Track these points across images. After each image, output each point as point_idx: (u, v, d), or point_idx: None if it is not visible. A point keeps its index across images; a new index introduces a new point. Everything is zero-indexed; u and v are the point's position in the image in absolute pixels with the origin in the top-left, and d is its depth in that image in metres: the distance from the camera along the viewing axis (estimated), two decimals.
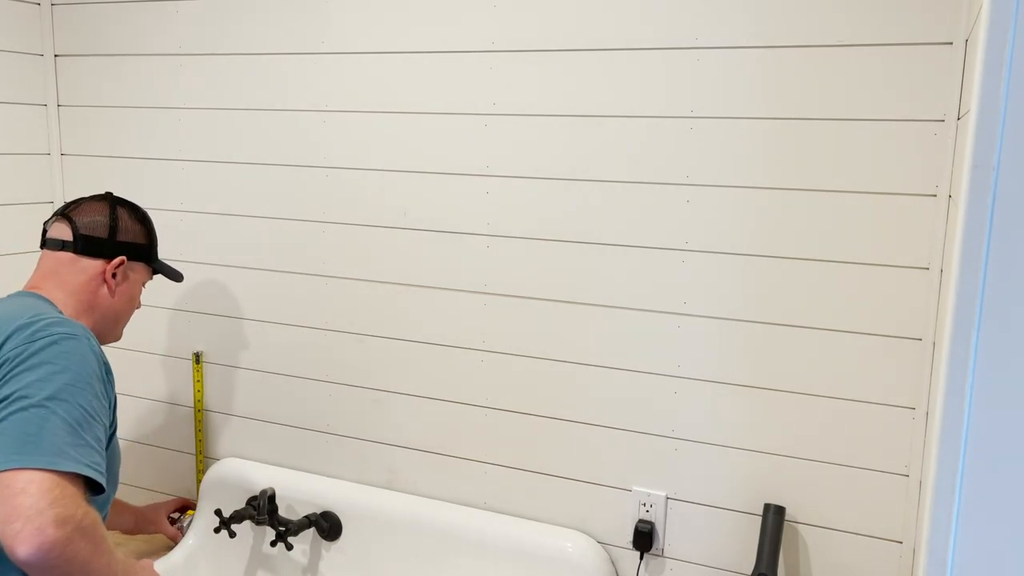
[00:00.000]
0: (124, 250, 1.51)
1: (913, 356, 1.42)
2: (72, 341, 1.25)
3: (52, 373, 1.18)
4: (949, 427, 0.74)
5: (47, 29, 2.08)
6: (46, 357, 1.20)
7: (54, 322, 1.27)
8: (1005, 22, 0.69)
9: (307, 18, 1.80)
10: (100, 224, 1.49)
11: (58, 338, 1.23)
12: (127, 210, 1.55)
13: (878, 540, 1.48)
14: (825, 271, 1.45)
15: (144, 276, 1.58)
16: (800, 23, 1.42)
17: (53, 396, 1.16)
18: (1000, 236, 0.71)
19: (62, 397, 1.17)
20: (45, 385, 1.16)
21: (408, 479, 1.85)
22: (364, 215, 1.80)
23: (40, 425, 1.13)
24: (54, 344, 1.22)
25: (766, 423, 1.53)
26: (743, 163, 1.48)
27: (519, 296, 1.69)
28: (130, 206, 1.56)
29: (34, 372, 1.17)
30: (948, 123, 1.35)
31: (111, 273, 1.48)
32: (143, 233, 1.56)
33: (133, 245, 1.53)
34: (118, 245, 1.50)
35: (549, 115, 1.61)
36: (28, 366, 1.18)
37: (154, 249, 1.59)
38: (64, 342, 1.23)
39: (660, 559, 1.64)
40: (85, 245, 1.47)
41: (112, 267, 1.48)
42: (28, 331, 1.23)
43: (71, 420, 1.16)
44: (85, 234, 1.48)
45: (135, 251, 1.53)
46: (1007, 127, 0.70)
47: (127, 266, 1.51)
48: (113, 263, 1.48)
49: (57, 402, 1.16)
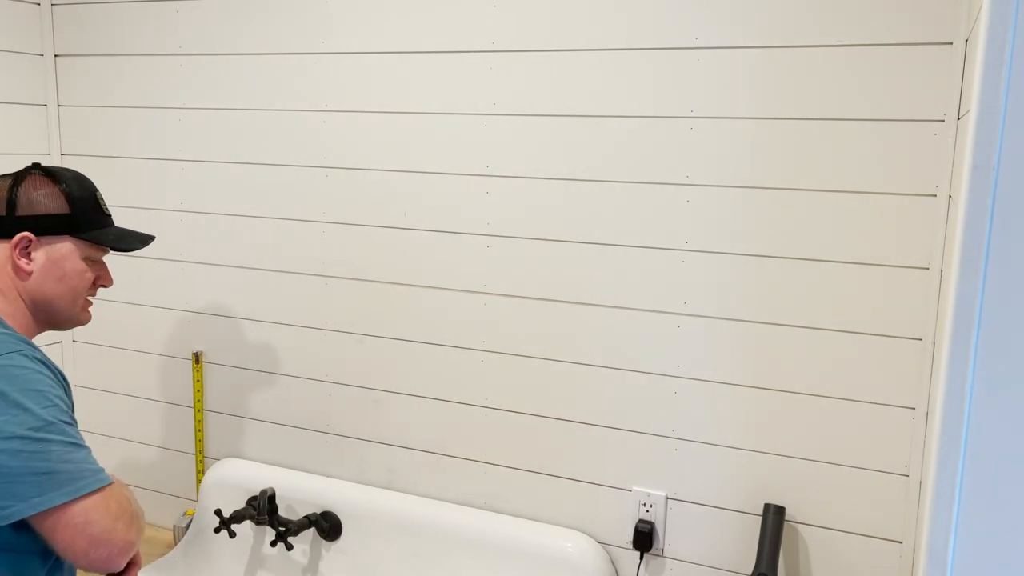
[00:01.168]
0: (27, 224, 1.28)
1: (913, 356, 1.42)
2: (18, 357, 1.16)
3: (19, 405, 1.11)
4: (949, 427, 0.74)
5: (47, 29, 2.08)
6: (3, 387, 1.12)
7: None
8: (1005, 22, 0.69)
9: (307, 18, 1.80)
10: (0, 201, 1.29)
11: (3, 360, 1.14)
12: (40, 178, 1.32)
13: (878, 540, 1.48)
14: (825, 271, 1.45)
15: (80, 250, 1.33)
16: (800, 23, 1.42)
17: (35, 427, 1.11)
18: (1000, 236, 0.71)
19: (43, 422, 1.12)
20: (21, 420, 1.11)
21: (408, 479, 1.85)
22: (364, 215, 1.80)
23: (47, 459, 1.11)
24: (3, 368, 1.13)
25: (766, 423, 1.53)
26: (743, 163, 1.48)
27: (519, 296, 1.69)
28: (51, 173, 1.34)
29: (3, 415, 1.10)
30: (948, 123, 1.35)
31: (17, 254, 1.27)
32: (60, 201, 1.31)
33: (42, 218, 1.29)
34: (17, 221, 1.28)
35: (549, 115, 1.61)
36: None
37: (84, 218, 1.33)
38: (12, 362, 1.15)
39: (660, 559, 1.64)
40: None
41: (13, 246, 1.27)
42: None
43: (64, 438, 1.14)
44: None
45: (46, 224, 1.30)
46: (1007, 127, 0.70)
47: (43, 243, 1.29)
48: (13, 241, 1.27)
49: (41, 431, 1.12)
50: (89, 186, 1.37)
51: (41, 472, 1.10)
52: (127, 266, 2.03)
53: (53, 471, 1.11)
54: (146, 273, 2.06)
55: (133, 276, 2.06)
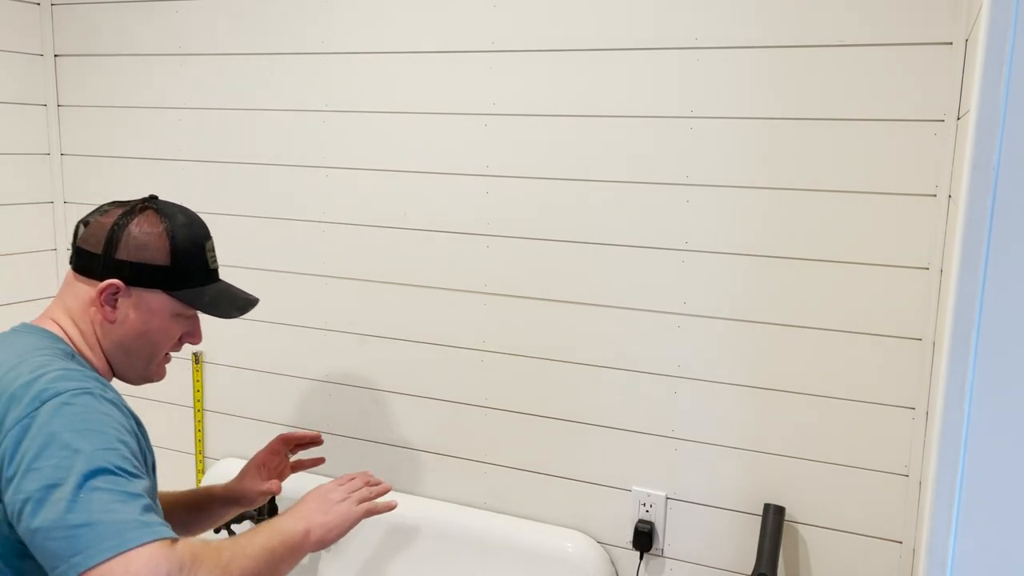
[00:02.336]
0: (121, 271, 1.15)
1: (913, 356, 1.42)
2: (85, 397, 1.02)
3: (69, 446, 0.96)
4: (949, 427, 0.74)
5: (47, 29, 2.08)
6: (58, 426, 0.97)
7: (56, 377, 1.03)
8: (1005, 22, 0.69)
9: (307, 18, 1.80)
10: (99, 234, 1.16)
11: (66, 399, 1.00)
12: (152, 219, 1.18)
13: (878, 540, 1.48)
14: (825, 271, 1.45)
15: (170, 306, 1.19)
16: (800, 23, 1.42)
17: (83, 474, 0.95)
18: (1000, 236, 0.71)
19: (93, 466, 0.96)
20: (70, 463, 0.95)
21: (408, 479, 1.85)
22: (364, 215, 1.80)
23: (88, 509, 0.94)
24: (63, 407, 0.99)
25: (766, 423, 1.53)
26: (743, 163, 1.48)
27: (519, 296, 1.69)
28: (163, 214, 1.20)
29: (51, 451, 0.96)
30: (948, 123, 1.35)
31: (101, 300, 1.15)
32: (162, 251, 1.17)
33: (138, 266, 1.15)
34: (113, 264, 1.15)
35: (549, 115, 1.61)
36: (41, 444, 0.96)
37: (182, 275, 1.19)
38: (75, 401, 1.00)
39: (660, 559, 1.64)
40: (79, 261, 1.17)
41: (100, 292, 1.15)
42: (30, 395, 1.00)
43: (114, 488, 0.97)
44: (79, 247, 1.17)
45: (142, 274, 1.16)
46: (1007, 127, 0.70)
47: (132, 293, 1.16)
48: (100, 287, 1.14)
49: (90, 477, 0.95)
50: (199, 237, 1.23)
51: (77, 525, 0.92)
52: None
53: (89, 524, 0.93)
54: None
55: None
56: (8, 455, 0.97)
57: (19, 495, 0.95)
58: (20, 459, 0.96)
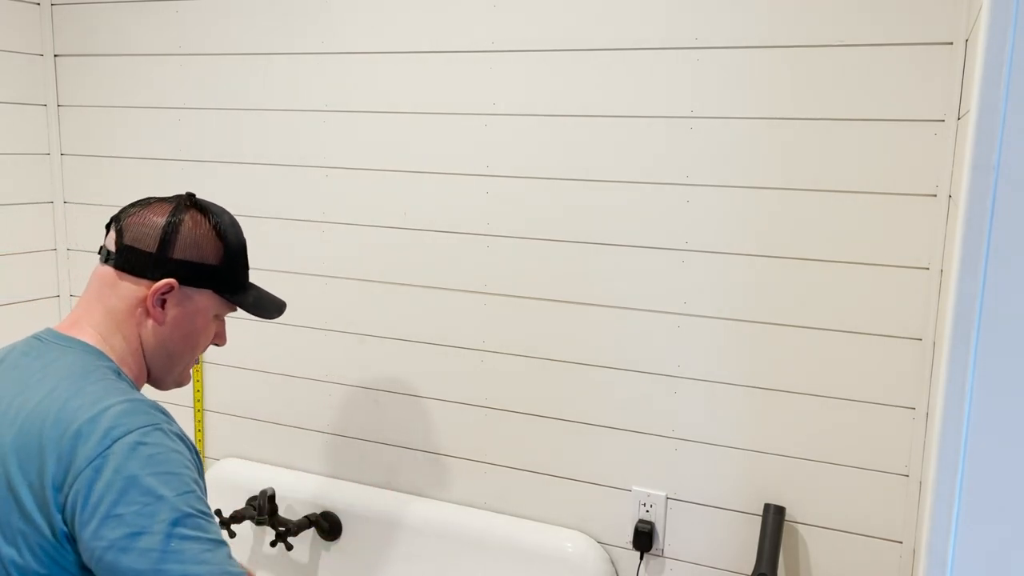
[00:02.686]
0: (176, 270, 1.12)
1: (913, 356, 1.42)
2: (156, 434, 0.98)
3: (151, 492, 0.93)
4: (949, 427, 0.74)
5: (47, 29, 2.08)
6: (136, 469, 0.94)
7: (122, 411, 0.98)
8: (1005, 22, 0.69)
9: (307, 18, 1.80)
10: (150, 232, 1.12)
11: (138, 437, 0.96)
12: (199, 217, 1.15)
13: (878, 540, 1.48)
14: (825, 271, 1.45)
15: (217, 307, 1.19)
16: (800, 23, 1.42)
17: (170, 521, 0.93)
18: (1000, 236, 0.71)
19: (179, 513, 0.94)
20: (154, 510, 0.93)
21: (408, 479, 1.85)
22: (364, 215, 1.80)
23: (181, 560, 0.92)
24: (138, 447, 0.95)
25: (766, 423, 1.53)
26: (743, 163, 1.48)
27: (519, 296, 1.69)
28: (209, 212, 1.17)
29: (132, 496, 0.93)
30: (948, 123, 1.35)
31: (154, 300, 1.12)
32: (215, 251, 1.16)
33: (193, 265, 1.13)
34: (168, 263, 1.12)
35: (549, 115, 1.61)
36: (120, 489, 0.93)
37: (231, 274, 1.18)
38: (148, 439, 0.97)
39: (660, 559, 1.64)
40: (127, 260, 1.11)
41: (155, 292, 1.11)
42: (98, 432, 0.95)
43: (201, 534, 0.96)
44: (129, 245, 1.12)
45: (195, 273, 1.14)
46: (1007, 127, 0.70)
47: (181, 292, 1.14)
48: (156, 287, 1.11)
49: (177, 524, 0.94)
50: (242, 237, 1.21)
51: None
52: None
53: (188, 575, 0.92)
54: None
55: None
56: (82, 497, 0.93)
57: (100, 541, 0.91)
58: (97, 503, 0.92)
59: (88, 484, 0.93)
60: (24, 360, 1.06)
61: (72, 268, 2.17)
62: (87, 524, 0.92)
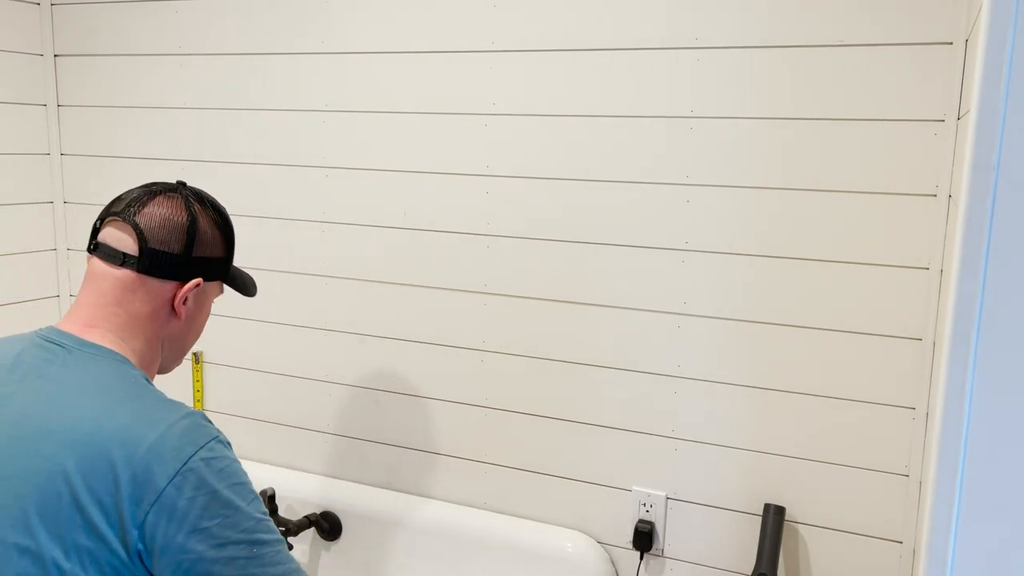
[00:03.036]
0: (202, 269, 1.14)
1: (913, 356, 1.42)
2: (219, 447, 1.02)
3: (230, 504, 0.98)
4: (949, 427, 0.74)
5: (47, 29, 2.08)
6: (214, 483, 0.98)
7: (187, 427, 1.01)
8: (1005, 22, 0.69)
9: (307, 18, 1.80)
10: (176, 234, 1.11)
11: (207, 453, 0.99)
12: (207, 212, 1.17)
13: (878, 540, 1.48)
14: (825, 271, 1.45)
15: (216, 292, 1.22)
16: (800, 23, 1.42)
17: (249, 530, 0.99)
18: (1000, 236, 0.71)
19: (253, 520, 1.00)
20: (235, 521, 0.98)
21: (408, 479, 1.85)
22: (364, 215, 1.80)
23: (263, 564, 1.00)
24: (211, 461, 0.99)
25: (766, 423, 1.53)
26: (743, 163, 1.48)
27: (519, 296, 1.69)
28: (209, 204, 1.18)
29: (214, 510, 0.97)
30: (948, 123, 1.35)
31: (183, 299, 1.13)
32: (222, 242, 1.18)
33: (212, 261, 1.16)
34: (195, 263, 1.13)
35: (549, 115, 1.61)
36: (203, 504, 0.97)
37: (231, 262, 1.22)
38: (215, 453, 1.00)
39: (660, 559, 1.64)
40: (154, 263, 1.10)
41: (185, 292, 1.13)
42: (170, 449, 0.98)
43: (273, 537, 1.02)
44: (155, 248, 1.10)
45: (214, 268, 1.17)
46: (1007, 127, 0.70)
47: (201, 288, 1.16)
48: (187, 288, 1.12)
49: (255, 532, 1.00)
50: (231, 221, 1.23)
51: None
52: None
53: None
54: None
55: None
56: (166, 513, 0.95)
57: (188, 554, 0.95)
58: (183, 518, 0.95)
59: (172, 501, 0.96)
60: (51, 369, 1.04)
61: (72, 268, 2.17)
62: (174, 538, 0.95)
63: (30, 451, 0.97)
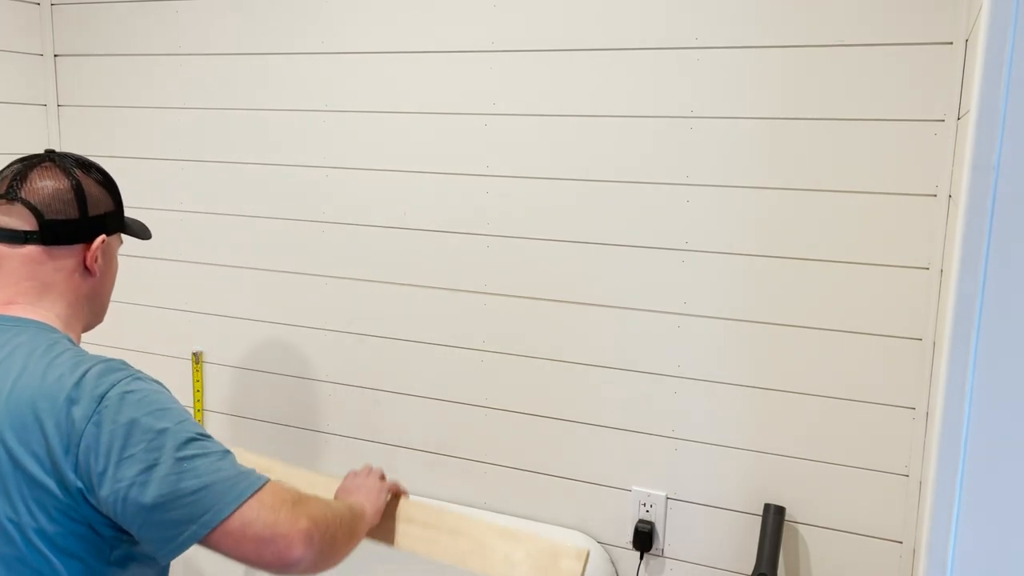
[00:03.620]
0: (100, 226, 1.19)
1: (913, 356, 1.42)
2: (136, 382, 1.06)
3: (151, 428, 1.02)
4: (949, 427, 0.74)
5: (47, 29, 2.08)
6: (132, 413, 1.02)
7: (100, 371, 1.06)
8: (1005, 22, 0.69)
9: (307, 18, 1.80)
10: (65, 201, 1.15)
11: (122, 388, 1.04)
12: (87, 174, 1.20)
13: (878, 540, 1.48)
14: (825, 271, 1.45)
15: (118, 243, 1.27)
16: (800, 23, 1.42)
17: (176, 447, 1.02)
18: (1000, 236, 0.71)
19: (181, 438, 1.03)
20: (159, 443, 1.01)
21: (408, 479, 1.85)
22: (364, 215, 1.80)
23: (197, 475, 1.02)
24: (126, 395, 1.03)
25: (766, 423, 1.53)
26: (743, 163, 1.48)
27: (519, 296, 1.69)
28: (85, 165, 1.21)
29: (136, 437, 1.01)
30: (948, 123, 1.35)
31: (94, 258, 1.18)
32: (109, 196, 1.22)
33: (107, 216, 1.20)
34: (93, 222, 1.18)
35: (549, 115, 1.61)
36: (124, 435, 1.01)
37: (122, 210, 1.26)
38: (131, 387, 1.05)
39: (660, 559, 1.64)
40: (55, 233, 1.14)
41: (95, 251, 1.18)
42: (87, 393, 1.03)
43: (208, 450, 1.05)
44: (53, 219, 1.14)
45: (110, 222, 1.21)
46: (1007, 127, 0.70)
47: (106, 242, 1.21)
48: (95, 246, 1.17)
49: (183, 448, 1.03)
50: (108, 174, 1.27)
51: (195, 490, 1.00)
52: (127, 266, 2.02)
53: (206, 486, 1.01)
54: (146, 273, 2.06)
55: (132, 276, 2.06)
56: (92, 452, 1.01)
57: (120, 483, 1.00)
58: (108, 452, 1.00)
59: (94, 439, 1.01)
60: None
61: None
62: (104, 473, 1.01)
63: None
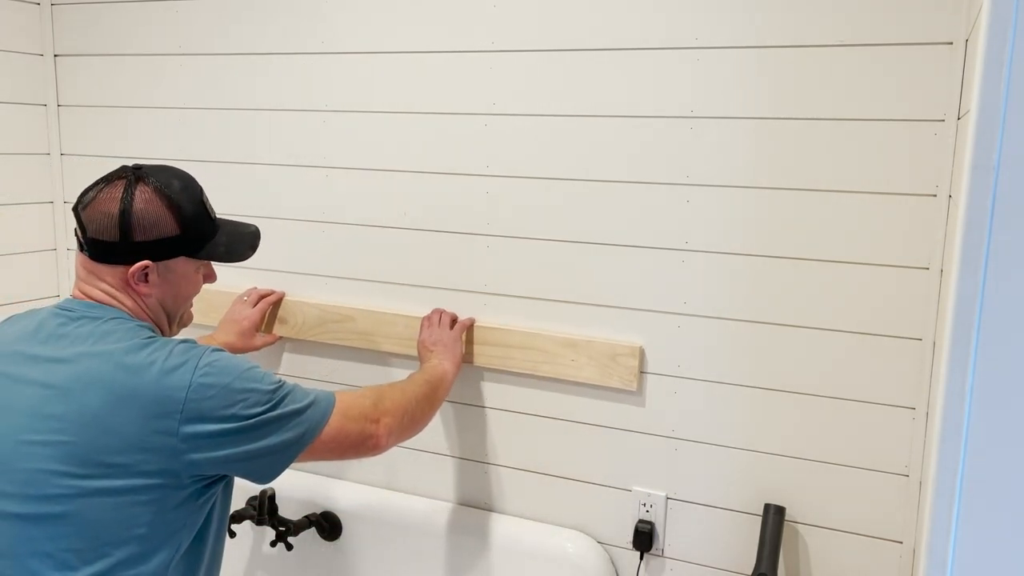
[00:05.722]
0: (145, 251, 1.21)
1: (913, 356, 1.42)
2: (213, 354, 1.19)
3: (243, 389, 1.17)
4: (949, 427, 0.74)
5: (47, 29, 2.08)
6: (224, 381, 1.16)
7: (183, 348, 1.18)
8: (1005, 22, 0.69)
9: (306, 18, 1.80)
10: (108, 223, 1.19)
11: (207, 360, 1.17)
12: (148, 192, 1.21)
13: (878, 540, 1.48)
14: (825, 271, 1.45)
15: (194, 265, 1.30)
16: (800, 23, 1.42)
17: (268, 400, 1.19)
18: (1000, 236, 0.71)
19: (270, 390, 1.20)
20: (255, 399, 1.18)
21: (408, 479, 1.85)
22: (364, 215, 1.80)
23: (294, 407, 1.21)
24: (212, 366, 1.17)
25: (766, 423, 1.53)
26: (743, 163, 1.48)
27: (519, 296, 1.69)
28: (157, 183, 1.23)
29: (232, 399, 1.16)
30: (948, 123, 1.35)
31: (135, 280, 1.23)
32: (172, 221, 1.23)
33: (157, 243, 1.22)
34: (136, 247, 1.21)
35: (549, 115, 1.61)
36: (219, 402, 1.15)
37: (196, 235, 1.27)
38: (212, 358, 1.18)
39: (660, 559, 1.64)
40: (96, 251, 1.22)
41: (132, 275, 1.22)
42: (180, 369, 1.15)
43: (286, 392, 1.22)
44: (93, 238, 1.21)
45: (163, 248, 1.23)
46: (1007, 127, 0.70)
47: (158, 266, 1.24)
48: (132, 271, 1.22)
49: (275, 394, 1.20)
50: (197, 194, 1.29)
51: (292, 426, 1.19)
52: None
53: (300, 414, 1.20)
54: None
55: None
56: (196, 415, 1.13)
57: (225, 437, 1.15)
58: (210, 415, 1.14)
59: (196, 406, 1.13)
60: (65, 328, 1.20)
61: (72, 268, 2.16)
62: (211, 433, 1.14)
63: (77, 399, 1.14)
